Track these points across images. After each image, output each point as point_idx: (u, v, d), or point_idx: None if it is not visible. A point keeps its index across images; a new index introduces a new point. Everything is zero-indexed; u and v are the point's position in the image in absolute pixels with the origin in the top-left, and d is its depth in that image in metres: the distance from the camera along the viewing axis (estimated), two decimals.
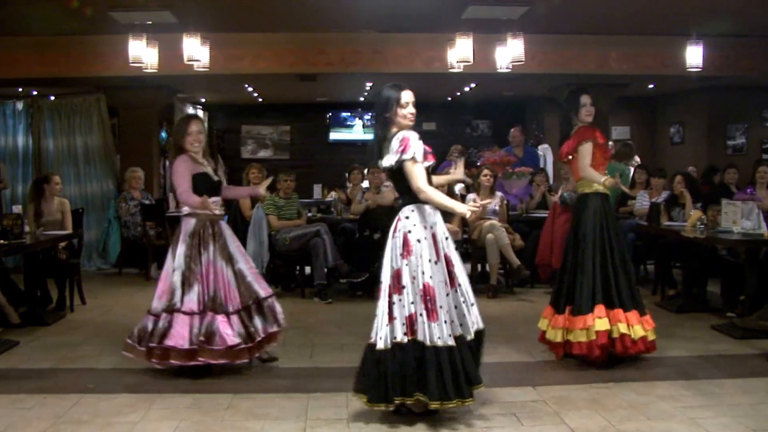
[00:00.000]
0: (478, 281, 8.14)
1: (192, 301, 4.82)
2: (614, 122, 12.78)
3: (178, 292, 4.84)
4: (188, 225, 4.96)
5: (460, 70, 8.06)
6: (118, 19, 7.50)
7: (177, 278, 4.87)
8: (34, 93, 10.30)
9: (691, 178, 8.00)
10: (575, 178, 5.34)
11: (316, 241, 7.57)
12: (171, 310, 4.83)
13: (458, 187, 9.22)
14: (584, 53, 9.13)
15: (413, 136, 4.03)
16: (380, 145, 4.13)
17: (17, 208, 6.94)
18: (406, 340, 3.89)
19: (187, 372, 4.85)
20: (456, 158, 10.30)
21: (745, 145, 12.38)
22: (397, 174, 4.09)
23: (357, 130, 15.22)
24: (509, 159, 8.97)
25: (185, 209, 5.01)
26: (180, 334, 4.75)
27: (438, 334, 3.88)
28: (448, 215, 7.76)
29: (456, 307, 4.05)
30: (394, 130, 4.09)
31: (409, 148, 3.99)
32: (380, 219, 7.94)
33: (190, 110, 12.89)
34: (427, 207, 4.07)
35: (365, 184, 9.05)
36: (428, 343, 3.88)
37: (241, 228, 8.58)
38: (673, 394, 4.46)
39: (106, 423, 4.08)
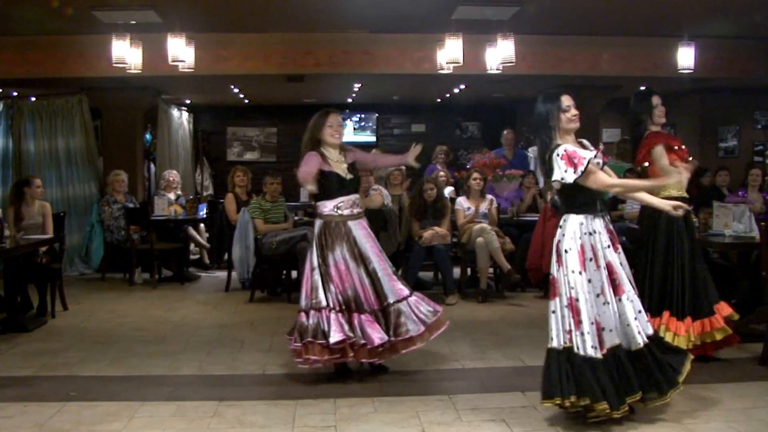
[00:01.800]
0: (467, 285, 8.10)
1: (334, 300, 4.79)
2: (605, 124, 12.77)
3: (320, 291, 4.81)
4: (316, 227, 4.99)
5: (450, 71, 8.00)
6: (101, 19, 7.39)
7: (317, 277, 4.86)
8: (15, 94, 10.14)
9: None
10: None
11: (303, 245, 7.46)
12: (318, 308, 4.77)
13: (447, 191, 9.17)
14: (576, 54, 9.10)
15: (569, 148, 4.00)
16: (543, 158, 4.16)
17: None
18: (559, 346, 3.95)
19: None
20: (441, 161, 10.32)
21: (737, 147, 12.39)
22: (565, 187, 4.06)
23: (348, 132, 15.16)
24: (499, 161, 8.92)
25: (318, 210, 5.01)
26: (331, 331, 4.69)
27: (580, 344, 3.89)
28: (439, 219, 7.79)
29: (620, 315, 4.01)
30: (558, 140, 4.08)
31: (579, 163, 3.95)
32: (369, 222, 7.86)
33: (175, 112, 12.75)
34: (580, 217, 4.05)
35: None
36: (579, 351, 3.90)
37: (226, 232, 8.51)
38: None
39: (88, 431, 4.01)
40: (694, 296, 5.05)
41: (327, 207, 4.94)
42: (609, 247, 4.08)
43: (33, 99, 9.89)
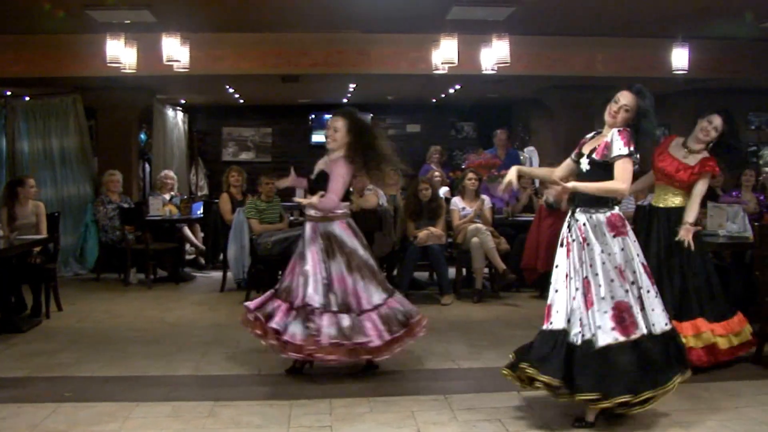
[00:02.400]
0: (463, 285, 8.11)
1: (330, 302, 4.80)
2: (600, 125, 12.76)
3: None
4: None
5: (445, 71, 8.00)
6: (95, 18, 7.37)
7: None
8: (8, 93, 10.10)
9: None
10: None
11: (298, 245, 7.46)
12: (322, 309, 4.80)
13: (443, 191, 9.17)
14: (570, 55, 9.10)
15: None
16: None
17: None
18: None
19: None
20: (435, 161, 10.33)
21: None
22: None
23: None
24: (494, 162, 8.93)
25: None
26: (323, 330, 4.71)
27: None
28: (434, 219, 7.79)
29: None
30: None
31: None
32: (364, 223, 7.86)
33: (170, 112, 12.74)
34: None
35: None
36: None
37: (221, 232, 8.51)
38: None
39: None
40: (682, 299, 5.02)
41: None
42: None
43: (27, 98, 9.84)
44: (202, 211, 9.56)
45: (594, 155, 4.11)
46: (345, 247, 4.92)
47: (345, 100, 13.87)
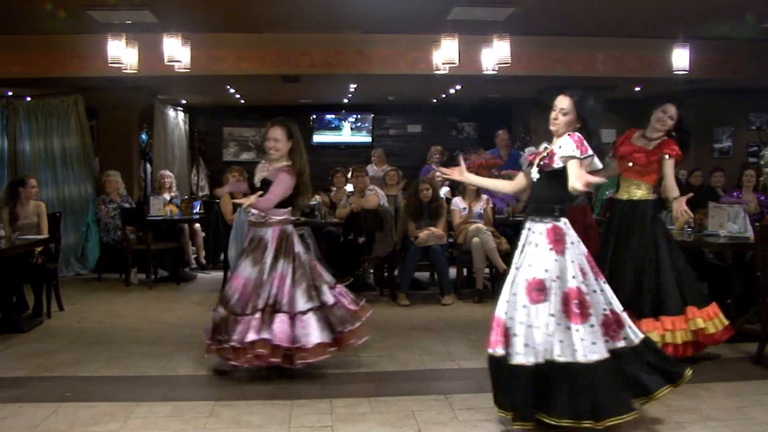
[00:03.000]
0: (463, 286, 8.11)
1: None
2: (605, 125, 12.78)
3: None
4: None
5: (446, 71, 8.00)
6: (96, 18, 7.38)
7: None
8: (10, 93, 10.11)
9: (678, 182, 7.98)
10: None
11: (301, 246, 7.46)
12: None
13: (443, 191, 9.18)
14: (571, 55, 9.11)
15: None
16: None
17: None
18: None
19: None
20: (436, 161, 10.32)
21: (732, 148, 12.39)
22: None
23: (345, 133, 15.15)
24: (495, 162, 8.92)
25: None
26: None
27: None
28: (435, 220, 7.79)
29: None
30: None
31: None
32: (365, 223, 7.88)
33: (171, 112, 12.74)
34: None
35: (349, 187, 8.98)
36: None
37: (222, 232, 8.50)
38: (659, 397, 4.41)
39: None
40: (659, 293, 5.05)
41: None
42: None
43: (28, 99, 9.86)
44: (200, 209, 9.57)
45: (542, 163, 4.03)
46: (278, 253, 4.97)
47: (346, 101, 13.88)
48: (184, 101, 13.49)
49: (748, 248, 6.04)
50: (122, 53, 7.38)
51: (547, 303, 3.80)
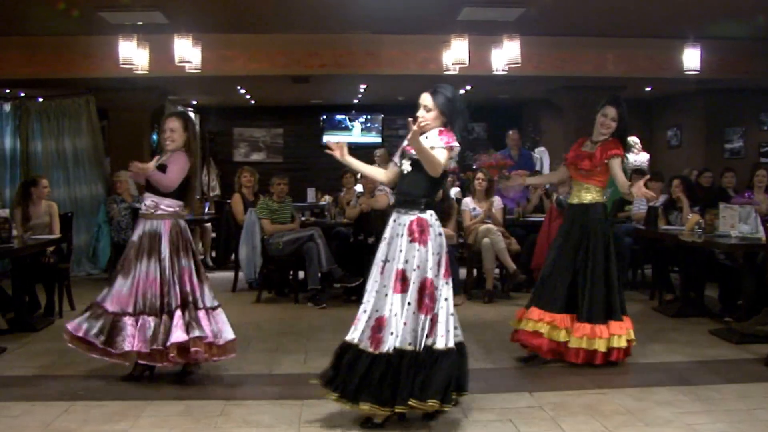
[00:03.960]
0: (474, 286, 8.10)
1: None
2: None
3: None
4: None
5: (456, 72, 8.01)
6: (107, 20, 7.43)
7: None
8: (22, 94, 10.19)
9: (688, 181, 7.96)
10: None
11: (310, 246, 7.49)
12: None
13: (454, 191, 9.18)
14: (581, 55, 9.09)
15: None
16: None
17: (4, 212, 6.83)
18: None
19: None
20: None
21: (743, 148, 12.34)
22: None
23: (355, 133, 15.18)
24: (506, 162, 8.92)
25: None
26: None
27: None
28: (445, 220, 7.78)
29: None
30: None
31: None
32: (374, 223, 7.88)
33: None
34: None
35: (359, 188, 8.99)
36: None
37: (233, 232, 8.53)
38: (670, 400, 4.42)
39: (95, 430, 4.01)
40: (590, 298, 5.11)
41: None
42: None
43: (40, 100, 9.93)
44: (209, 209, 9.59)
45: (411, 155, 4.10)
46: (176, 248, 4.85)
47: (356, 101, 13.90)
48: (194, 102, 13.56)
49: (759, 249, 6.02)
50: (133, 54, 7.43)
51: (407, 293, 3.93)
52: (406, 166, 4.14)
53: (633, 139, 11.19)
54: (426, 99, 4.24)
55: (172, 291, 4.75)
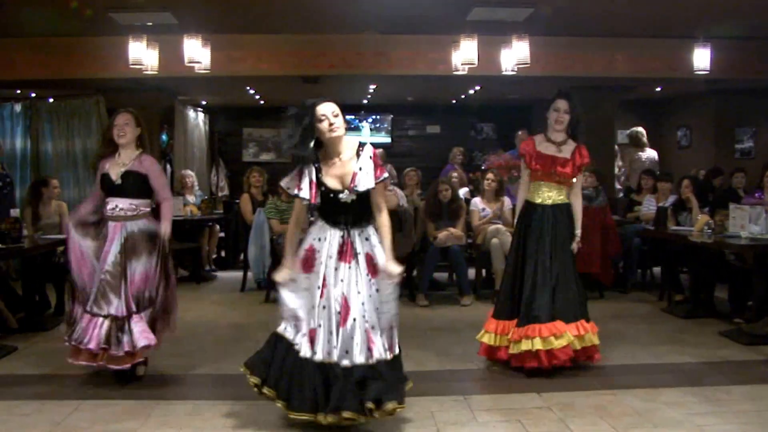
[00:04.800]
0: (482, 286, 8.09)
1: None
2: (620, 126, 12.70)
3: None
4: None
5: (465, 72, 8.00)
6: (117, 20, 7.45)
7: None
8: (33, 95, 10.24)
9: (698, 182, 7.93)
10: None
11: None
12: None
13: (463, 191, 9.17)
14: (590, 55, 9.05)
15: None
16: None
17: (15, 212, 6.87)
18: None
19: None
20: (459, 162, 10.33)
21: (753, 148, 12.26)
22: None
23: (365, 133, 15.17)
24: (515, 162, 8.89)
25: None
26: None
27: None
28: (454, 220, 7.78)
29: None
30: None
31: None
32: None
33: (191, 113, 12.83)
34: None
35: None
36: None
37: (242, 232, 8.55)
38: (680, 401, 4.41)
39: (104, 430, 4.03)
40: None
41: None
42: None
43: (51, 100, 9.98)
44: (218, 208, 9.61)
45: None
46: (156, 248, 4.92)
47: (365, 101, 13.90)
48: (204, 102, 13.58)
49: None
50: (143, 55, 7.45)
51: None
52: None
53: (640, 131, 11.17)
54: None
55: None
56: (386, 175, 4.09)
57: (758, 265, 6.13)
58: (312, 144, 4.08)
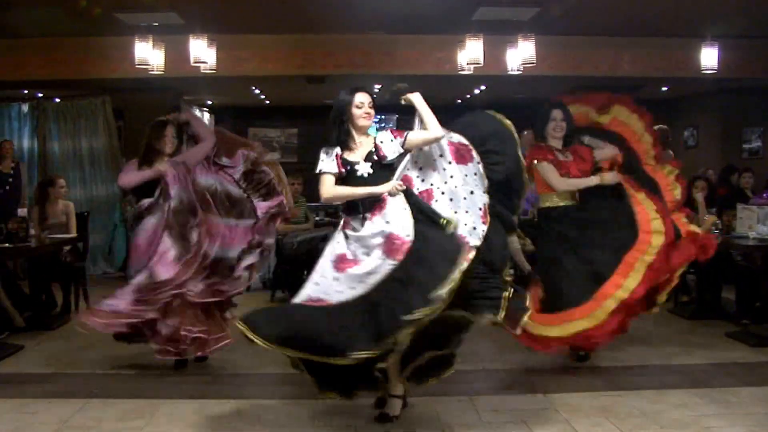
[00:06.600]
0: None
1: None
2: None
3: None
4: None
5: (471, 72, 7.98)
6: (123, 21, 7.47)
7: None
8: (40, 95, 10.29)
9: (710, 183, 7.89)
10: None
11: (324, 246, 7.46)
12: None
13: None
14: (596, 55, 9.03)
15: None
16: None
17: (22, 212, 6.90)
18: None
19: None
20: None
21: (761, 148, 12.21)
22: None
23: (370, 133, 15.18)
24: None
25: None
26: None
27: None
28: None
29: None
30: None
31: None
32: None
33: (197, 113, 12.85)
34: None
35: None
36: None
37: None
38: (686, 402, 4.39)
39: (111, 428, 4.05)
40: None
41: None
42: None
43: (57, 100, 10.03)
44: None
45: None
46: None
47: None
48: (209, 102, 13.62)
49: None
50: (149, 55, 7.47)
51: None
52: (367, 169, 4.28)
53: (664, 128, 11.12)
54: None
55: None
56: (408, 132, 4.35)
57: (766, 266, 6.11)
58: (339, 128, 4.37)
